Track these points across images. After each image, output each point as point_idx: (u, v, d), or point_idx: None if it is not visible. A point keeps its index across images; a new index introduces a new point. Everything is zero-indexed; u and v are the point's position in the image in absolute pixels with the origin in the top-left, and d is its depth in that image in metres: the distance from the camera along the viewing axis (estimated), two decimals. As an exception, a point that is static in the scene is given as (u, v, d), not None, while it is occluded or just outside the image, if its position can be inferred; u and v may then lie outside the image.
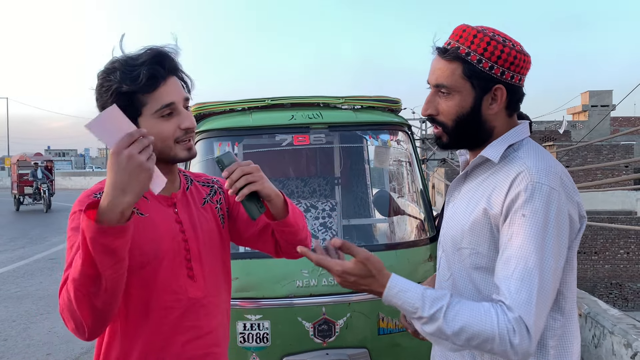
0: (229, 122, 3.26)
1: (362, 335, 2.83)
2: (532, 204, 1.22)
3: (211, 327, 1.49)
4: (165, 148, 1.39)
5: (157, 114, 1.36)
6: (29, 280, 8.51)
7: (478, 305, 1.21)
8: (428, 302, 1.21)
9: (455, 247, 1.38)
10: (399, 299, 1.23)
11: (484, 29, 1.33)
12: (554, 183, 1.25)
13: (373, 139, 3.36)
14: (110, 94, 1.33)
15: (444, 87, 1.35)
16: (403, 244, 3.24)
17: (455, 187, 1.47)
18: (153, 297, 1.38)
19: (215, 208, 1.57)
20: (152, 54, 1.36)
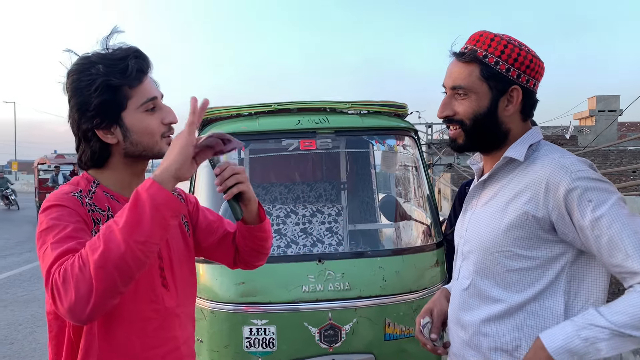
0: (235, 127, 3.26)
1: (368, 340, 2.82)
2: (588, 189, 1.25)
3: (185, 338, 1.46)
4: (152, 143, 1.36)
5: (141, 108, 1.33)
6: (35, 284, 8.54)
7: (626, 297, 1.21)
8: (584, 326, 1.21)
9: (486, 252, 1.37)
10: (562, 344, 1.22)
11: (500, 34, 1.38)
12: (589, 169, 1.30)
13: (379, 144, 3.36)
14: (96, 88, 1.28)
15: (461, 88, 1.38)
16: (410, 250, 3.24)
17: (475, 193, 1.48)
18: (132, 308, 1.33)
19: (180, 216, 1.55)
20: (132, 49, 1.34)
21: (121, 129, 1.33)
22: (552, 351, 1.22)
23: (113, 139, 1.33)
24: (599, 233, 1.23)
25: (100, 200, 1.34)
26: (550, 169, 1.30)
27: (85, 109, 1.31)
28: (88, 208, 1.30)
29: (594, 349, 1.20)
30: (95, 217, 1.30)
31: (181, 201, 1.54)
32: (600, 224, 1.23)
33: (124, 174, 1.39)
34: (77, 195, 1.31)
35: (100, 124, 1.31)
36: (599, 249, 1.24)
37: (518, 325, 1.33)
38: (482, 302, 1.39)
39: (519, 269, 1.33)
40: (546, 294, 1.31)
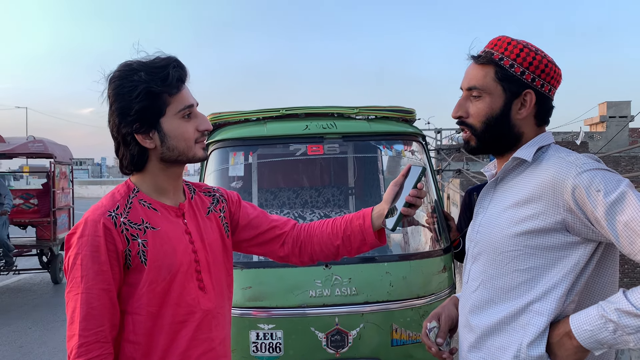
0: (243, 132, 3.28)
1: (375, 346, 2.81)
2: (594, 179, 1.24)
3: (221, 338, 1.49)
4: (187, 148, 1.42)
5: (179, 115, 1.39)
6: (46, 288, 8.62)
7: None
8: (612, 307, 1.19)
9: (496, 252, 1.37)
10: (590, 334, 1.21)
11: (518, 39, 1.39)
12: (594, 161, 1.30)
13: (387, 149, 3.36)
14: (137, 94, 1.34)
15: (475, 89, 1.40)
16: (417, 255, 3.22)
17: (486, 195, 1.49)
18: (169, 312, 1.38)
19: (219, 217, 1.57)
20: (172, 59, 1.40)
21: (159, 134, 1.38)
22: (582, 340, 1.22)
23: (151, 144, 1.39)
24: (614, 221, 1.21)
25: (137, 213, 1.39)
26: (555, 167, 1.31)
27: (126, 114, 1.36)
28: (122, 228, 1.35)
29: (623, 341, 1.18)
30: (130, 235, 1.36)
31: (222, 201, 1.59)
32: (614, 211, 1.20)
33: (161, 178, 1.44)
34: (112, 215, 1.36)
35: (139, 129, 1.37)
36: (617, 237, 1.21)
37: (523, 325, 1.32)
38: (490, 303, 1.39)
39: (528, 268, 1.33)
40: (554, 294, 1.30)
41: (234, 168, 3.27)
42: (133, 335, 1.36)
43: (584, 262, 1.30)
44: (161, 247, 1.38)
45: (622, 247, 1.22)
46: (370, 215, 1.56)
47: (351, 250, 1.60)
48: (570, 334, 1.24)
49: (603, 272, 1.33)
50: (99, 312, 1.31)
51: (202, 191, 1.60)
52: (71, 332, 1.30)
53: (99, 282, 1.31)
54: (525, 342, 1.30)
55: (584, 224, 1.27)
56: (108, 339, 1.32)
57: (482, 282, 1.41)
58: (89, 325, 1.29)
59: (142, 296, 1.35)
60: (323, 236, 1.61)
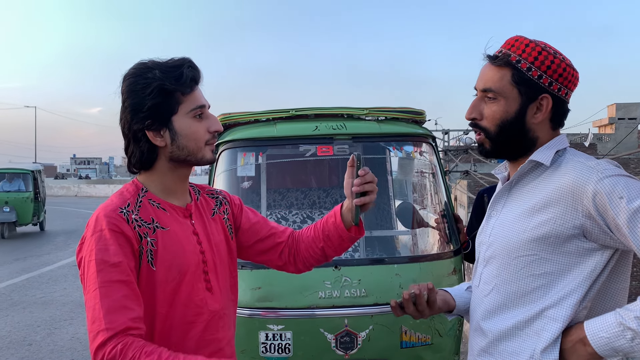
0: (253, 133, 3.28)
1: (384, 347, 2.81)
2: (616, 186, 1.22)
3: (228, 339, 1.50)
4: (197, 149, 1.42)
5: (191, 114, 1.40)
6: (53, 286, 8.66)
7: None
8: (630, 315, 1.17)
9: (510, 256, 1.36)
10: (606, 342, 1.19)
11: (536, 41, 1.36)
12: (615, 167, 1.27)
13: (397, 151, 3.35)
14: (151, 90, 1.35)
15: (491, 91, 1.37)
16: (427, 257, 3.21)
17: (500, 198, 1.46)
18: (177, 313, 1.37)
19: (223, 219, 1.57)
20: (186, 59, 1.41)
21: (170, 132, 1.39)
22: (597, 347, 1.20)
23: (162, 142, 1.39)
24: (636, 228, 1.19)
25: (147, 212, 1.39)
26: (576, 172, 1.28)
27: (138, 110, 1.37)
28: (134, 224, 1.34)
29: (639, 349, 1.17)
30: (142, 232, 1.35)
31: (225, 204, 1.58)
32: (636, 219, 1.18)
33: (169, 178, 1.44)
34: (124, 211, 1.35)
35: (151, 126, 1.37)
36: (639, 245, 1.19)
37: (537, 330, 1.31)
38: (503, 308, 1.37)
39: (543, 274, 1.31)
40: (569, 300, 1.29)
41: (243, 168, 3.27)
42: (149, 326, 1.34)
43: (600, 268, 1.28)
44: (170, 247, 1.37)
45: None
46: (340, 211, 1.56)
47: (336, 248, 1.59)
48: (585, 341, 1.22)
49: (616, 278, 1.31)
50: (122, 303, 1.24)
51: (206, 193, 1.60)
52: (95, 330, 1.22)
53: (117, 274, 1.26)
54: (539, 348, 1.29)
55: (603, 231, 1.25)
56: (140, 327, 1.25)
57: (495, 286, 1.39)
58: (114, 317, 1.22)
59: (151, 297, 1.34)
60: (308, 241, 1.61)
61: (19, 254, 11.85)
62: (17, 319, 6.75)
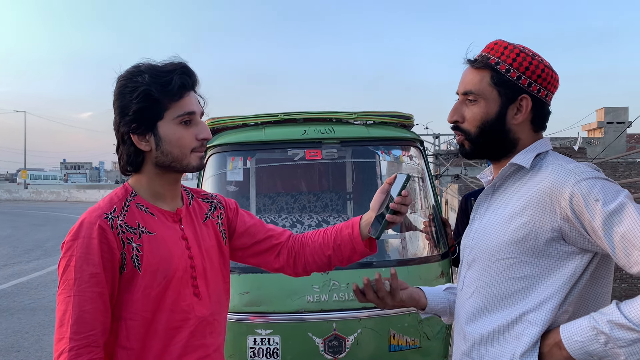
0: (242, 137, 3.28)
1: (372, 351, 2.81)
2: (593, 188, 1.22)
3: (216, 345, 1.48)
4: (182, 155, 1.41)
5: (177, 120, 1.39)
6: (42, 292, 8.57)
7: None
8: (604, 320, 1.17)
9: (491, 259, 1.36)
10: (580, 346, 1.20)
11: (514, 44, 1.38)
12: (593, 170, 1.28)
13: (385, 155, 3.37)
14: (137, 95, 1.35)
15: (471, 93, 1.39)
16: (415, 260, 3.22)
17: (483, 202, 1.47)
18: (163, 318, 1.37)
19: (216, 224, 1.57)
20: (180, 65, 1.41)
21: (155, 137, 1.38)
22: (572, 351, 1.20)
23: (146, 146, 1.39)
24: (611, 231, 1.19)
25: (134, 216, 1.39)
26: (554, 174, 1.29)
27: (125, 113, 1.38)
28: (119, 230, 1.35)
29: (613, 354, 1.16)
30: (126, 238, 1.35)
31: (220, 208, 1.58)
32: (611, 222, 1.18)
33: (157, 182, 1.44)
34: (109, 217, 1.35)
35: (136, 129, 1.37)
36: (614, 249, 1.19)
37: (517, 335, 1.30)
38: (484, 311, 1.37)
39: (523, 277, 1.31)
40: (548, 304, 1.28)
41: (232, 173, 3.27)
42: (126, 341, 1.35)
43: (579, 272, 1.28)
44: (157, 252, 1.37)
45: (618, 259, 1.20)
46: (359, 223, 1.55)
47: (342, 259, 1.58)
48: (560, 345, 1.22)
49: (597, 282, 1.31)
50: (91, 316, 1.28)
51: (200, 197, 1.59)
52: (60, 335, 1.27)
53: (92, 285, 1.30)
54: (518, 353, 1.29)
55: (580, 234, 1.25)
56: (99, 344, 1.29)
57: (476, 289, 1.40)
58: (80, 328, 1.26)
59: (136, 301, 1.34)
60: (315, 246, 1.59)
61: (7, 260, 11.73)
62: (5, 325, 6.68)
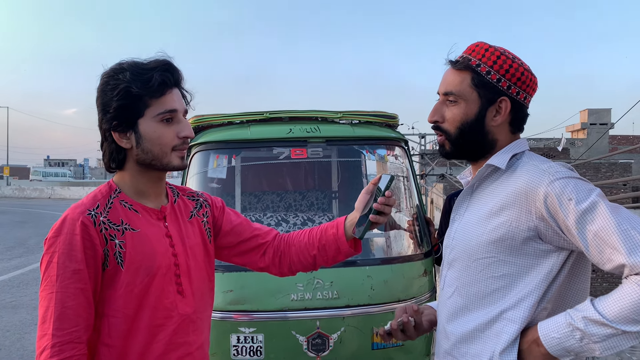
0: (227, 135, 3.28)
1: (355, 349, 2.82)
2: (566, 187, 1.25)
3: (199, 343, 1.48)
4: (162, 154, 1.40)
5: (158, 117, 1.38)
6: (24, 290, 8.47)
7: (617, 290, 1.19)
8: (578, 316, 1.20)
9: (470, 258, 1.38)
10: (557, 342, 1.22)
11: (495, 46, 1.40)
12: (567, 169, 1.30)
13: (370, 154, 3.38)
14: (117, 92, 1.35)
15: (452, 94, 1.40)
16: (398, 259, 3.25)
17: (462, 202, 1.49)
18: (145, 315, 1.37)
19: (202, 222, 1.57)
20: (162, 62, 1.40)
21: (135, 135, 1.39)
22: (549, 348, 1.22)
23: (127, 144, 1.40)
24: (584, 229, 1.21)
25: (117, 213, 1.38)
26: (529, 174, 1.31)
27: (106, 110, 1.38)
28: (101, 227, 1.35)
29: (588, 349, 1.19)
30: (108, 235, 1.35)
31: (205, 206, 1.59)
32: (584, 220, 1.21)
33: (140, 180, 1.44)
34: (92, 214, 1.35)
35: (117, 127, 1.38)
36: (587, 246, 1.22)
37: (497, 332, 1.33)
38: (465, 310, 1.39)
39: (502, 276, 1.33)
40: (527, 301, 1.31)
41: (216, 171, 3.26)
42: (108, 338, 1.35)
43: (556, 270, 1.30)
44: (140, 248, 1.37)
45: (591, 256, 1.23)
46: (343, 224, 1.55)
47: (327, 259, 1.59)
48: (539, 341, 1.25)
49: (575, 280, 1.34)
50: (74, 312, 1.28)
51: (185, 195, 1.59)
52: (43, 332, 1.27)
53: (75, 281, 1.29)
54: (498, 350, 1.31)
55: (556, 232, 1.27)
56: (82, 340, 1.29)
57: (457, 289, 1.42)
58: (62, 324, 1.26)
59: (119, 298, 1.34)
60: (300, 246, 1.60)
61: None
62: (-14, 323, 6.59)
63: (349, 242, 1.55)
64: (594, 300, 1.21)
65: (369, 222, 1.47)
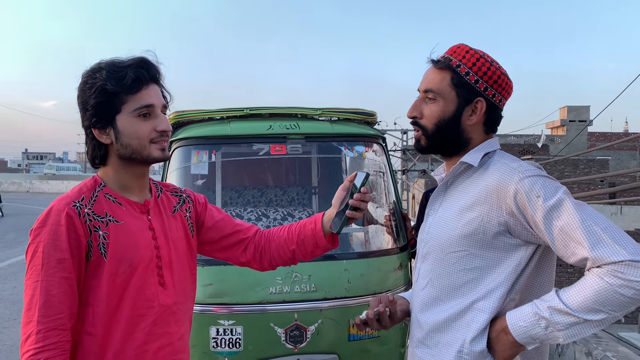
0: (207, 131, 3.31)
1: (332, 341, 2.89)
2: (535, 185, 1.32)
3: (180, 334, 1.53)
4: (140, 147, 1.45)
5: (135, 113, 1.43)
6: (2, 284, 8.37)
7: (580, 281, 1.27)
8: (544, 306, 1.28)
9: (444, 252, 1.45)
10: (524, 330, 1.30)
11: (475, 49, 1.47)
12: (536, 168, 1.38)
13: (348, 150, 3.45)
14: (94, 90, 1.40)
15: (431, 92, 1.47)
16: (375, 253, 3.32)
17: (437, 198, 1.55)
18: (126, 305, 1.42)
19: (184, 217, 1.62)
20: (138, 59, 1.45)
21: (114, 130, 1.44)
22: (517, 336, 1.31)
23: (107, 139, 1.45)
24: (551, 225, 1.29)
25: (101, 206, 1.43)
26: (500, 172, 1.39)
27: (85, 108, 1.44)
28: (86, 219, 1.40)
29: (553, 337, 1.28)
30: (92, 226, 1.40)
31: (188, 202, 1.64)
32: (551, 216, 1.29)
33: (123, 174, 1.49)
34: (77, 205, 1.40)
35: (96, 124, 1.43)
36: (553, 240, 1.30)
37: (468, 322, 1.40)
38: (437, 301, 1.46)
39: (473, 268, 1.40)
40: (496, 292, 1.38)
41: (196, 166, 3.30)
42: (92, 326, 1.40)
43: (524, 263, 1.38)
44: (123, 240, 1.42)
45: (557, 250, 1.32)
46: (321, 219, 1.62)
47: (306, 254, 1.65)
48: (507, 330, 1.33)
49: (541, 272, 1.42)
50: (59, 300, 1.33)
51: (169, 191, 1.64)
52: (28, 319, 1.32)
53: (59, 270, 1.34)
54: (468, 338, 1.38)
55: (524, 227, 1.35)
56: (66, 327, 1.34)
57: (430, 281, 1.48)
58: (47, 312, 1.31)
59: (101, 288, 1.39)
60: (280, 241, 1.66)
61: (-34, 252, 11.38)
62: (-37, 318, 6.52)
63: (326, 237, 1.60)
64: (558, 291, 1.29)
65: (345, 218, 1.53)
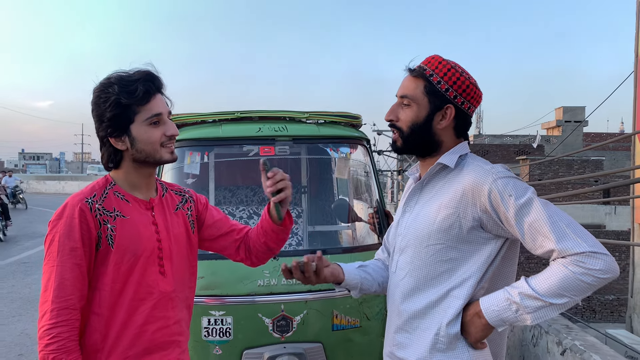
0: (200, 133, 3.48)
1: (317, 330, 3.05)
2: (507, 185, 1.49)
3: (177, 318, 1.72)
4: (153, 151, 1.64)
5: (147, 122, 1.62)
6: (1, 283, 8.51)
7: (546, 270, 1.43)
8: (515, 292, 1.44)
9: (422, 245, 1.59)
10: (497, 314, 1.46)
11: (448, 60, 1.63)
12: (507, 170, 1.55)
13: (334, 152, 3.63)
14: (109, 104, 1.58)
15: (407, 97, 1.63)
16: (358, 248, 3.50)
17: (413, 196, 1.70)
18: (129, 290, 1.61)
19: (186, 214, 1.81)
20: (144, 73, 1.63)
21: (129, 138, 1.62)
22: (490, 319, 1.47)
23: (123, 146, 1.64)
24: (521, 221, 1.44)
25: (110, 202, 1.63)
26: (475, 173, 1.54)
27: (101, 121, 1.62)
28: (96, 213, 1.59)
29: (522, 319, 1.44)
30: (102, 219, 1.59)
31: (190, 202, 1.83)
32: (521, 213, 1.44)
33: (133, 175, 1.69)
34: (89, 201, 1.60)
35: (112, 133, 1.62)
36: (523, 235, 1.45)
37: (444, 308, 1.55)
38: (416, 290, 1.60)
39: (449, 260, 1.55)
40: (470, 281, 1.54)
41: (189, 167, 3.47)
42: (98, 307, 1.59)
43: (494, 254, 1.55)
44: (128, 233, 1.61)
45: (526, 243, 1.48)
46: (267, 210, 1.77)
47: (275, 240, 1.81)
48: (480, 314, 1.49)
49: (506, 263, 1.59)
50: (71, 283, 1.53)
51: (173, 190, 1.84)
52: (44, 299, 1.52)
53: (72, 257, 1.54)
54: (444, 322, 1.54)
55: (496, 223, 1.51)
56: (76, 307, 1.54)
57: (409, 272, 1.62)
58: (60, 293, 1.51)
59: (108, 274, 1.59)
60: (255, 237, 1.84)
61: (-35, 252, 11.51)
62: (-36, 315, 6.66)
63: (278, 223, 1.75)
64: (527, 279, 1.46)
65: (275, 203, 1.69)
